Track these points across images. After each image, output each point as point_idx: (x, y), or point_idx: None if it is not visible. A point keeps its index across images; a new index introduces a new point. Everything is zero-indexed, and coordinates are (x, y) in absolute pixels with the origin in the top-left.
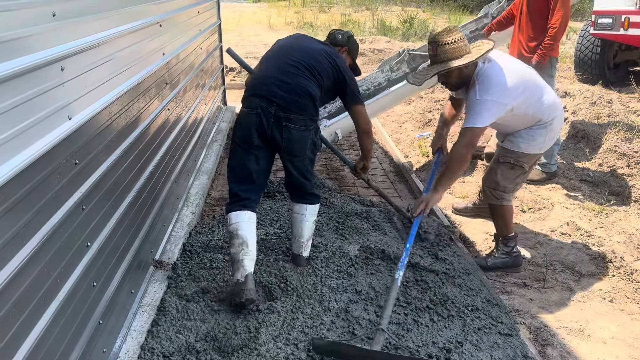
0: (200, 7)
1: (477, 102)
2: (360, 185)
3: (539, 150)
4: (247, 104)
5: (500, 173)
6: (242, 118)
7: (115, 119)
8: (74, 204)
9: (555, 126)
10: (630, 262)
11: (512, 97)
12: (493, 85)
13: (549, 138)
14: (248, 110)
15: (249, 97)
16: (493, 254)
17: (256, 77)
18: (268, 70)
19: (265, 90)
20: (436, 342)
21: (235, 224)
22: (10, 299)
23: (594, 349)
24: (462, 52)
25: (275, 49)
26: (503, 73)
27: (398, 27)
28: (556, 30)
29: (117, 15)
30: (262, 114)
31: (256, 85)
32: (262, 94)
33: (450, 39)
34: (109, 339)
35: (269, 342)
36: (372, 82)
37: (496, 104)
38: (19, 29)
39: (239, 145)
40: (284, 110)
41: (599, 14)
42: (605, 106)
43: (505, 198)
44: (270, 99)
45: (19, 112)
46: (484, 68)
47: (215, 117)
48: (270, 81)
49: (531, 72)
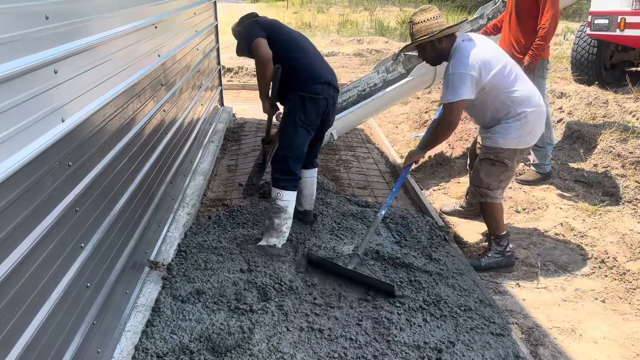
0: (196, 8)
1: (450, 76)
2: (356, 186)
3: (517, 144)
4: (314, 91)
5: (483, 170)
6: (310, 104)
7: (109, 120)
8: (67, 205)
9: (532, 121)
10: (622, 263)
11: (483, 73)
12: (465, 59)
13: (525, 133)
14: (316, 96)
15: (316, 85)
16: (487, 254)
17: (311, 65)
18: (315, 57)
19: (326, 76)
20: (428, 342)
21: (287, 202)
22: (4, 299)
23: (585, 349)
24: (435, 29)
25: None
26: (478, 49)
27: (396, 28)
28: (546, 31)
29: (111, 17)
30: (327, 99)
31: (317, 72)
32: (325, 81)
33: (424, 17)
34: (103, 339)
35: (262, 343)
36: (368, 83)
37: (469, 76)
38: (12, 32)
39: (306, 128)
40: (337, 92)
41: (595, 15)
42: (601, 107)
43: (490, 195)
44: (330, 83)
45: (12, 115)
46: (461, 44)
47: (212, 117)
48: (323, 66)
49: (510, 59)
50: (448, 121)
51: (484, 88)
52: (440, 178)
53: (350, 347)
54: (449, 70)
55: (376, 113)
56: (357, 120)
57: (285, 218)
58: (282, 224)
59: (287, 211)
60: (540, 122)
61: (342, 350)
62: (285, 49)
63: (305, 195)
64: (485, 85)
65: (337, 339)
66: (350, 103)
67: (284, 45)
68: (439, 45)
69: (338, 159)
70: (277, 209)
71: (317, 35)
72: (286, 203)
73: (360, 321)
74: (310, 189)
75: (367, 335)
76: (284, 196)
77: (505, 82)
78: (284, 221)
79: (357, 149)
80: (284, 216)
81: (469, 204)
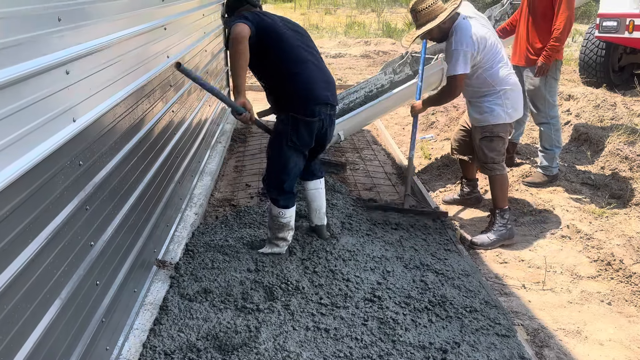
0: (205, 9)
1: (454, 52)
2: (363, 189)
3: (506, 118)
4: (309, 113)
5: (485, 147)
6: (303, 128)
7: (119, 121)
8: (78, 204)
9: (512, 98)
10: (629, 265)
11: (479, 48)
12: (465, 36)
13: (508, 108)
14: (311, 119)
15: (312, 107)
16: (492, 228)
17: (310, 83)
18: (313, 72)
19: (323, 96)
20: (433, 343)
21: (289, 217)
22: (16, 295)
23: (591, 351)
24: (437, 12)
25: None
26: (475, 28)
27: (403, 29)
28: (560, 32)
29: (121, 19)
30: (323, 119)
31: (315, 94)
32: (322, 101)
33: (425, 4)
34: (111, 336)
35: (268, 341)
36: (375, 84)
37: (468, 52)
38: (25, 34)
39: (299, 150)
40: (334, 108)
41: (603, 17)
42: (609, 109)
43: (497, 168)
44: (327, 103)
45: (25, 115)
46: (462, 22)
47: (220, 118)
48: (321, 85)
49: (498, 40)
50: (450, 92)
51: (475, 64)
52: (446, 179)
53: (356, 346)
54: (451, 46)
55: (383, 114)
56: (364, 122)
57: (288, 230)
58: (286, 236)
59: (290, 225)
60: (519, 98)
61: (347, 350)
62: (284, 62)
63: (314, 209)
64: (477, 61)
65: (343, 338)
66: (358, 104)
67: (285, 55)
68: (443, 26)
69: (344, 160)
70: (280, 225)
71: (324, 36)
72: (289, 219)
73: (365, 321)
74: (318, 202)
75: (373, 335)
76: (286, 214)
77: (493, 61)
78: (287, 233)
79: (364, 150)
80: (287, 228)
81: (463, 192)
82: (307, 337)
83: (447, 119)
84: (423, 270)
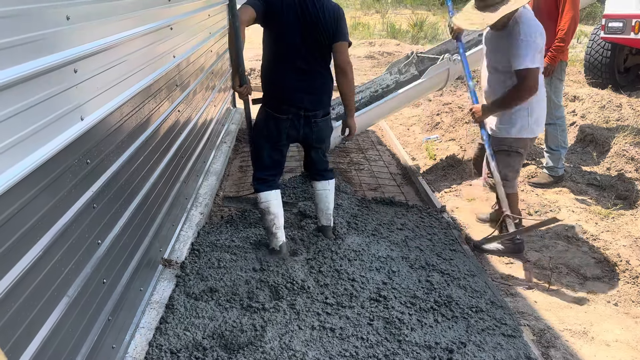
0: (210, 10)
1: (522, 43)
2: (368, 189)
3: (529, 133)
4: (277, 110)
5: (500, 162)
6: (272, 121)
7: (126, 120)
8: (85, 203)
9: (537, 111)
10: (635, 266)
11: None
12: (536, 27)
13: (532, 121)
14: (279, 115)
15: (278, 105)
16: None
17: (277, 84)
18: (287, 78)
19: (293, 99)
20: (439, 343)
21: (265, 202)
22: (23, 293)
23: (597, 352)
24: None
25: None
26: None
27: (408, 30)
28: (565, 32)
29: (129, 18)
30: (293, 119)
31: (281, 94)
32: (290, 104)
33: None
34: (118, 335)
35: (274, 340)
36: (380, 84)
37: (538, 45)
38: (34, 32)
39: (269, 142)
40: (312, 111)
41: (609, 18)
42: (614, 110)
43: (507, 186)
44: (299, 106)
45: (34, 113)
46: (525, 10)
47: (225, 118)
48: (293, 90)
49: None
50: (529, 86)
51: None
52: (451, 180)
53: (362, 346)
54: (519, 35)
55: (388, 114)
56: (369, 122)
57: (271, 219)
58: (270, 226)
59: (270, 211)
60: (544, 113)
61: (353, 350)
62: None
63: (321, 209)
64: None
65: (349, 338)
66: (363, 104)
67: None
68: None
69: (349, 160)
70: (261, 211)
71: None
72: (266, 204)
73: (371, 321)
74: (325, 203)
75: (379, 334)
76: (261, 198)
77: (540, 62)
78: (271, 222)
79: (369, 150)
80: (270, 217)
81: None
82: (313, 336)
83: (451, 119)
84: (429, 270)
